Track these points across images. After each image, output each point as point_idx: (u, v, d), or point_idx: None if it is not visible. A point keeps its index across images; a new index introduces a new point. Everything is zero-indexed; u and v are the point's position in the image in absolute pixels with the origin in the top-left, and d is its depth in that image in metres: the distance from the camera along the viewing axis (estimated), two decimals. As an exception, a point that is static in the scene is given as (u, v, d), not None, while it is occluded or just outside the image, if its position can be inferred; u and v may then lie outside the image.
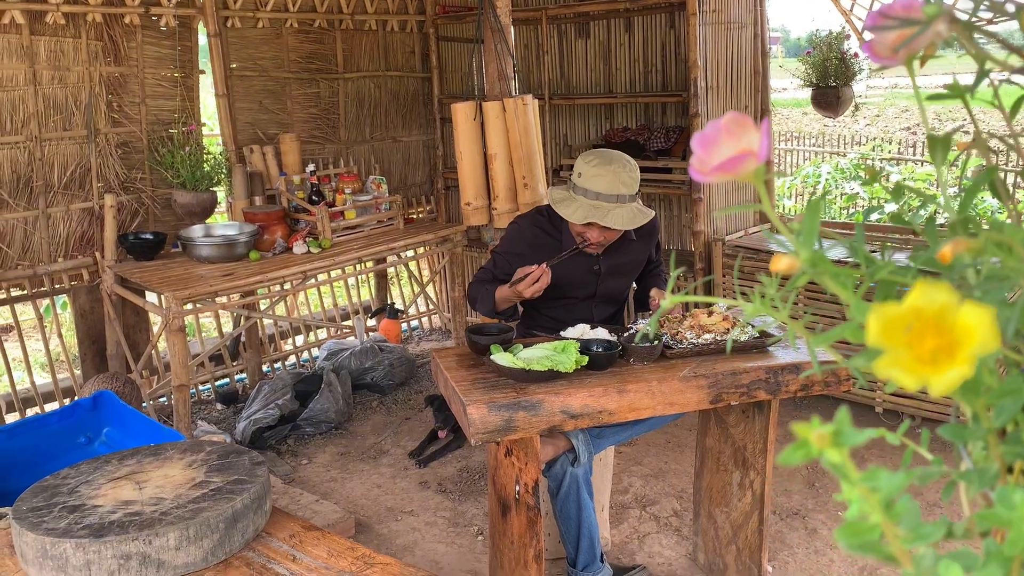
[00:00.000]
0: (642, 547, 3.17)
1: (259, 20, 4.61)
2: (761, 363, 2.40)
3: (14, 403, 4.09)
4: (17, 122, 3.85)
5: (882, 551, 0.52)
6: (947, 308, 0.47)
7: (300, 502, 3.39)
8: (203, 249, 3.95)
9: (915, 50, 0.55)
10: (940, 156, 0.56)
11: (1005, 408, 0.54)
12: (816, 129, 13.10)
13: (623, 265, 2.96)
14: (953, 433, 0.57)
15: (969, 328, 0.47)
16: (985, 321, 0.46)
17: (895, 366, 0.48)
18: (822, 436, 0.49)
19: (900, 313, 0.48)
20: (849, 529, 0.51)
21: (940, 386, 0.47)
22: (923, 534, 0.52)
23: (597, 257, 2.91)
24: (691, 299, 0.59)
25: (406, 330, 5.67)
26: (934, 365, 0.47)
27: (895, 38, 0.53)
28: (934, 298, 0.48)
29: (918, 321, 0.48)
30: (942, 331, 0.48)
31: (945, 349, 0.47)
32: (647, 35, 4.89)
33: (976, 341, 0.46)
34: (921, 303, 0.48)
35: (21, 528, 1.66)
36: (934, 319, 0.48)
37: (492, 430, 2.20)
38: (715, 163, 0.53)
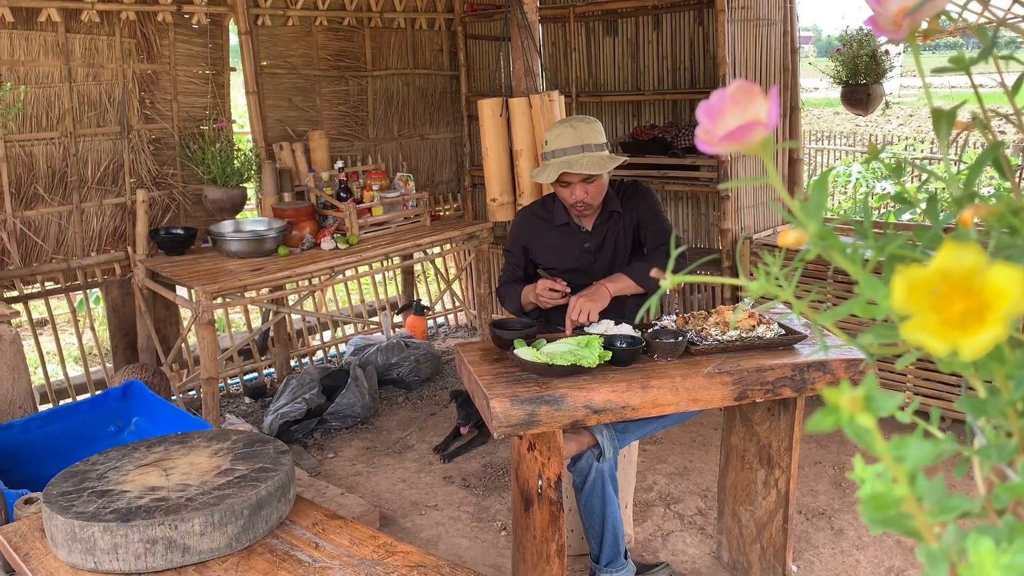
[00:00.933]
0: (666, 545, 3.16)
1: (289, 18, 4.66)
2: (787, 360, 2.39)
3: (48, 395, 4.16)
4: (52, 118, 3.92)
5: (905, 526, 0.51)
6: (976, 269, 0.45)
7: (325, 495, 3.42)
8: (232, 244, 4.00)
9: (917, 22, 0.55)
10: (944, 131, 0.55)
11: (1021, 381, 0.52)
12: (848, 128, 12.96)
13: (613, 240, 2.98)
14: (971, 406, 0.56)
15: (1000, 289, 0.45)
16: (1017, 281, 0.44)
17: (923, 330, 0.46)
18: (854, 399, 0.48)
19: (927, 275, 0.46)
20: (873, 502, 0.50)
21: (972, 349, 0.45)
22: (949, 507, 0.50)
23: (587, 234, 2.97)
24: (691, 280, 0.59)
25: (432, 326, 5.70)
26: (963, 328, 0.46)
27: (898, 10, 0.53)
28: (962, 259, 0.46)
29: (945, 284, 0.46)
30: (971, 293, 0.45)
31: (975, 312, 0.45)
32: (675, 32, 4.87)
33: (1008, 302, 0.44)
34: (949, 264, 0.46)
35: (51, 512, 1.70)
36: (962, 281, 0.46)
37: (515, 424, 2.21)
38: (722, 133, 0.52)
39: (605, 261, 2.98)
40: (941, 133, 0.55)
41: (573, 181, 2.82)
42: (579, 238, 2.97)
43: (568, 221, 2.97)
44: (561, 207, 2.98)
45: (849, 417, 0.48)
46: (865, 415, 0.48)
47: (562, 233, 2.97)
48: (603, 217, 2.98)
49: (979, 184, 0.57)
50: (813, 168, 10.46)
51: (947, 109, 0.55)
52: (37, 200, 3.92)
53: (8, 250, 3.84)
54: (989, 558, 0.45)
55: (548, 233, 2.98)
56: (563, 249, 2.96)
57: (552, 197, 3.05)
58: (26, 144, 3.85)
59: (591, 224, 2.97)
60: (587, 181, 2.83)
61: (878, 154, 0.73)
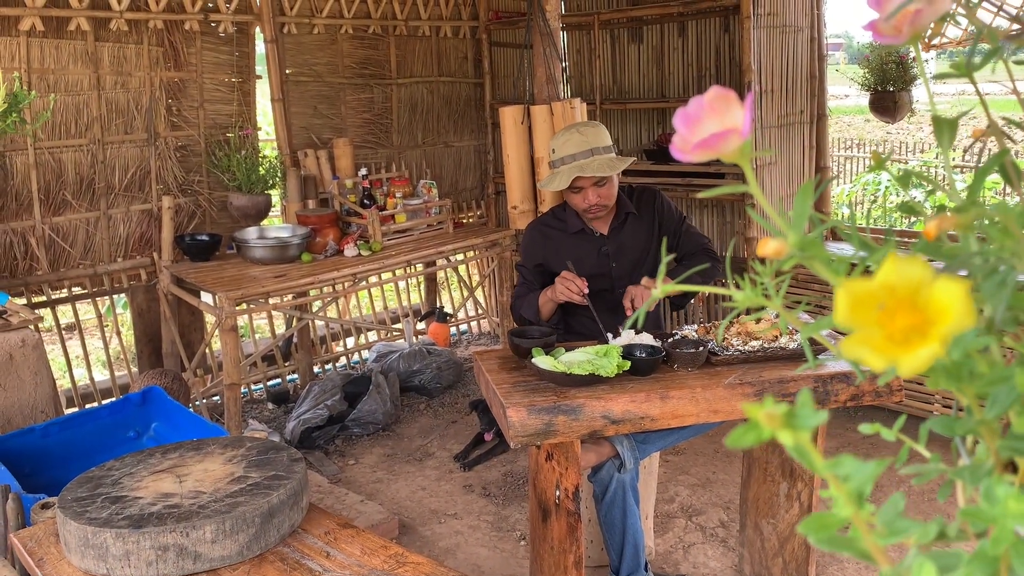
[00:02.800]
0: (687, 557, 3.11)
1: (315, 26, 4.69)
2: (809, 372, 2.34)
3: (74, 399, 4.21)
4: (81, 125, 3.97)
5: (856, 548, 0.48)
6: (921, 284, 0.44)
7: (345, 502, 3.41)
8: (257, 251, 4.02)
9: (920, 27, 0.53)
10: (946, 139, 0.53)
11: (998, 398, 0.50)
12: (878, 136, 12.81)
13: (630, 243, 2.95)
14: (943, 426, 0.54)
15: (943, 305, 0.43)
16: (959, 297, 0.43)
17: (863, 345, 0.45)
18: (772, 416, 0.46)
19: (871, 289, 0.45)
20: (814, 521, 0.48)
21: (909, 366, 0.43)
22: (898, 530, 0.48)
23: (603, 239, 2.95)
24: (682, 288, 0.58)
25: (455, 334, 5.69)
26: (907, 344, 0.44)
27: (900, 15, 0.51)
28: (907, 273, 0.44)
29: (891, 298, 0.45)
30: (916, 309, 0.44)
31: (919, 328, 0.44)
32: (701, 39, 4.83)
33: (951, 319, 0.43)
34: (893, 279, 0.45)
35: (65, 517, 1.70)
36: (908, 296, 0.44)
37: (532, 433, 2.18)
38: (696, 140, 0.51)
39: (625, 265, 2.95)
40: (943, 140, 0.52)
41: (585, 186, 2.82)
42: (596, 243, 2.95)
43: (583, 227, 2.95)
44: (574, 214, 2.96)
45: (770, 433, 0.46)
46: (785, 432, 0.46)
47: (578, 239, 2.95)
48: (619, 220, 2.96)
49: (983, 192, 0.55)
50: (842, 176, 10.34)
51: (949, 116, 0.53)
52: (65, 206, 3.97)
53: (37, 256, 3.89)
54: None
55: (564, 242, 2.96)
56: (581, 256, 2.93)
57: (563, 207, 3.03)
58: (55, 151, 3.90)
59: (607, 228, 2.95)
60: (599, 184, 2.82)
61: (883, 163, 0.70)
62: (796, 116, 4.41)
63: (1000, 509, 0.46)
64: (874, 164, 0.60)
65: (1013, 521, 0.46)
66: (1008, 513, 0.46)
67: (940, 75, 0.55)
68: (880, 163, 0.59)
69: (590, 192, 2.82)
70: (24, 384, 2.58)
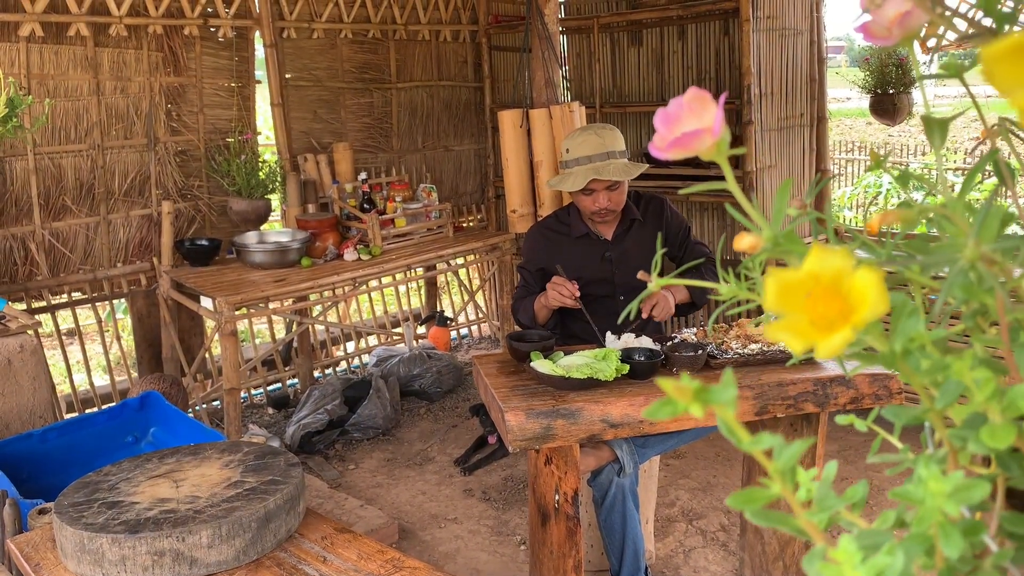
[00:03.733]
0: (687, 561, 3.10)
1: (314, 31, 4.69)
2: (809, 374, 2.33)
3: (74, 404, 4.21)
4: (81, 131, 3.97)
5: (791, 523, 0.51)
6: (842, 273, 0.47)
7: (345, 507, 3.41)
8: (256, 255, 4.02)
9: (910, 28, 0.52)
10: (937, 139, 0.53)
11: (947, 389, 0.52)
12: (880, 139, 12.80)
13: (634, 250, 2.92)
14: (894, 414, 0.56)
15: (861, 293, 0.46)
16: (874, 285, 0.45)
17: (786, 330, 0.47)
18: (682, 389, 0.48)
19: (798, 278, 0.48)
20: (744, 496, 0.50)
21: (825, 349, 0.46)
22: (826, 506, 0.51)
23: (607, 244, 2.92)
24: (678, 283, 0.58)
25: (455, 338, 5.69)
26: (829, 330, 0.46)
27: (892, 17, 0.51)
28: (829, 263, 0.47)
29: (817, 287, 0.47)
30: (839, 296, 0.47)
31: (841, 314, 0.47)
32: (700, 42, 4.83)
33: (867, 306, 0.45)
34: (817, 268, 0.47)
35: (61, 522, 1.70)
36: (831, 284, 0.47)
37: (530, 437, 2.18)
38: (671, 139, 0.51)
39: (627, 271, 2.93)
40: (934, 141, 0.52)
41: (597, 188, 2.79)
42: (599, 248, 2.93)
43: (587, 232, 2.92)
44: (578, 218, 2.94)
45: (684, 407, 0.48)
46: (696, 405, 0.48)
47: (582, 244, 2.93)
48: (623, 227, 2.93)
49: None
50: (844, 179, 10.33)
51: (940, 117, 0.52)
52: (65, 211, 3.97)
53: (37, 261, 3.89)
54: (849, 561, 0.46)
55: (567, 246, 2.94)
56: (584, 261, 2.92)
57: (566, 210, 3.00)
58: (55, 156, 3.91)
59: (611, 234, 2.93)
60: (611, 188, 2.80)
61: (881, 163, 0.70)
62: (796, 119, 4.40)
63: (923, 490, 0.49)
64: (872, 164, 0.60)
65: (935, 501, 0.49)
66: (930, 494, 0.49)
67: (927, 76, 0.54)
68: (879, 163, 0.60)
69: (602, 195, 2.80)
70: (22, 389, 2.57)
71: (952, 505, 0.48)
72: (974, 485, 0.50)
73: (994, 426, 0.53)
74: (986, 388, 0.53)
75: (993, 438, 0.53)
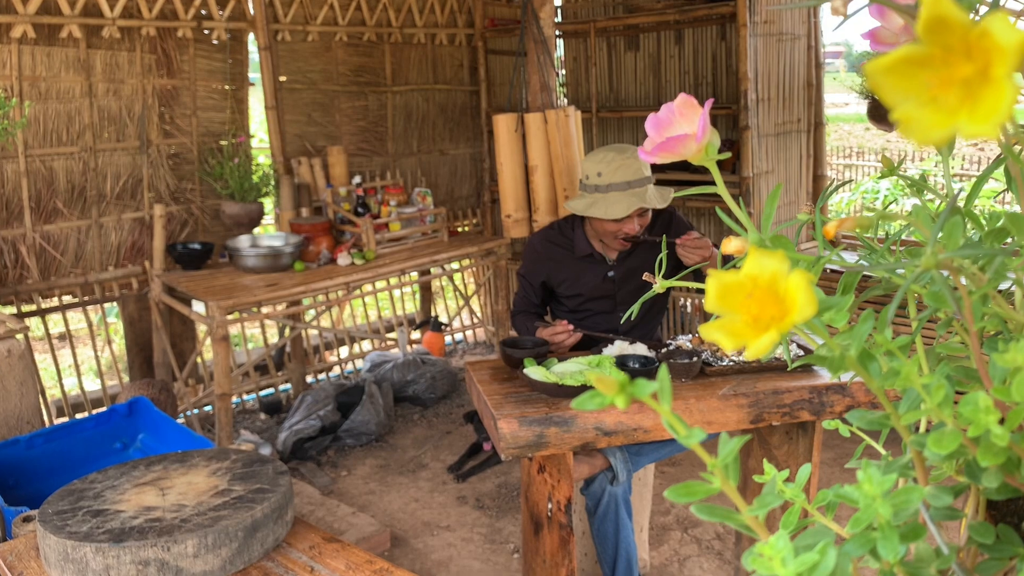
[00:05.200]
0: (682, 570, 3.08)
1: (309, 34, 4.67)
2: (804, 382, 2.31)
3: (64, 409, 4.17)
4: (73, 133, 3.94)
5: (734, 518, 0.53)
6: (777, 276, 0.48)
7: (337, 514, 3.37)
8: (249, 259, 3.99)
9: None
10: (945, 148, 0.51)
11: (909, 395, 0.54)
12: (878, 145, 12.80)
13: (639, 268, 2.86)
14: (858, 418, 0.58)
15: (792, 296, 0.47)
16: (803, 288, 0.46)
17: (720, 329, 0.49)
18: (607, 383, 0.49)
19: (737, 280, 0.49)
20: (682, 488, 0.52)
21: (754, 349, 0.47)
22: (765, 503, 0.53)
23: (610, 264, 2.86)
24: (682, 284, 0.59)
25: (450, 343, 5.66)
26: (764, 331, 0.47)
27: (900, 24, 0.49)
28: (766, 266, 0.48)
29: (756, 289, 0.48)
30: (777, 299, 0.48)
31: (777, 316, 0.48)
32: (698, 47, 4.82)
33: (797, 308, 0.47)
34: (755, 271, 0.48)
35: (45, 531, 1.67)
36: (768, 287, 0.48)
37: (523, 445, 2.15)
38: (657, 143, 0.50)
39: (630, 289, 2.89)
40: (942, 148, 0.51)
41: (632, 214, 2.70)
42: (603, 267, 2.86)
43: (591, 252, 2.84)
44: (582, 237, 2.84)
45: (610, 400, 0.49)
46: (620, 397, 0.49)
47: (584, 263, 2.86)
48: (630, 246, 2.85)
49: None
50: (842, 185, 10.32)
51: None
52: (56, 214, 3.94)
53: (27, 264, 3.86)
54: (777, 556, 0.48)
55: (569, 262, 2.86)
56: (586, 278, 2.86)
57: (570, 225, 2.90)
58: (46, 159, 3.87)
59: (615, 254, 2.86)
60: (642, 215, 2.72)
61: (895, 169, 0.69)
62: (793, 124, 4.39)
63: (860, 491, 0.51)
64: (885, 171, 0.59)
65: (869, 502, 0.51)
66: (864, 495, 0.51)
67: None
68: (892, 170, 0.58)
69: (634, 222, 2.70)
70: (9, 395, 2.54)
71: (886, 507, 0.50)
72: (911, 490, 0.53)
73: (942, 432, 0.55)
74: (936, 395, 0.55)
75: (939, 444, 0.54)
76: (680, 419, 0.51)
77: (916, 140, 0.41)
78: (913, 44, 0.41)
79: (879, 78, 0.43)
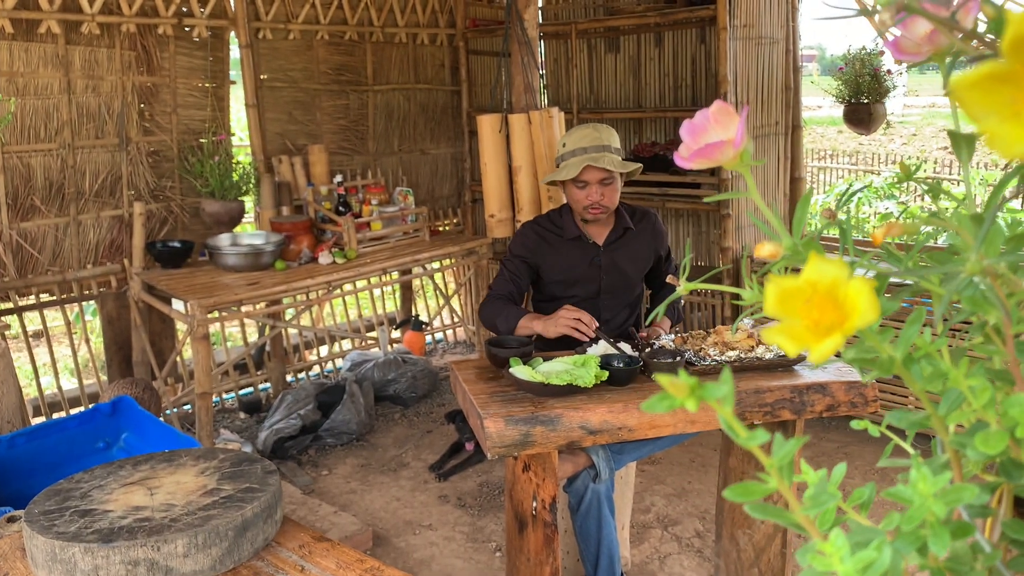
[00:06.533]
0: (663, 568, 3.11)
1: (290, 32, 4.66)
2: (786, 382, 2.35)
3: (41, 408, 4.13)
4: (51, 130, 3.90)
5: (787, 517, 0.54)
6: (838, 282, 0.49)
7: (318, 513, 3.37)
8: (229, 258, 3.97)
9: (943, 45, 0.53)
10: (965, 154, 0.53)
11: (950, 396, 0.55)
12: (851, 147, 12.96)
13: (624, 258, 2.95)
14: (898, 418, 0.59)
15: (854, 301, 0.48)
16: (865, 294, 0.47)
17: (782, 333, 0.50)
18: (678, 385, 0.50)
19: (797, 286, 0.50)
20: (740, 489, 0.53)
21: (818, 353, 0.49)
22: (820, 502, 0.54)
23: (598, 249, 2.92)
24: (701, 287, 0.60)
25: (430, 342, 5.66)
26: (825, 336, 0.49)
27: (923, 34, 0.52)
28: (826, 272, 0.49)
29: (815, 294, 0.50)
30: (836, 304, 0.49)
31: (837, 321, 0.49)
32: (677, 49, 4.86)
33: (858, 314, 0.48)
34: (816, 277, 0.50)
35: (32, 531, 1.66)
36: (828, 292, 0.49)
37: (509, 444, 2.17)
38: (695, 149, 0.52)
39: (614, 278, 2.94)
40: (962, 156, 0.53)
41: (591, 181, 2.78)
42: (590, 252, 2.93)
43: (580, 235, 2.91)
44: (571, 221, 2.93)
45: (680, 401, 0.51)
46: (690, 400, 0.50)
47: (573, 246, 2.93)
48: (616, 233, 2.94)
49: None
50: (816, 187, 10.44)
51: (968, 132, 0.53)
52: (34, 212, 3.90)
53: (4, 262, 3.82)
54: (836, 554, 0.49)
55: (558, 246, 2.93)
56: (573, 263, 2.92)
57: (559, 212, 2.99)
58: (23, 155, 3.83)
59: (603, 239, 2.93)
60: (604, 183, 2.79)
61: (911, 174, 0.71)
62: (771, 127, 4.44)
63: (914, 490, 0.52)
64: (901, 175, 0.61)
65: (924, 501, 0.51)
66: (919, 493, 0.51)
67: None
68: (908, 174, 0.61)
69: (595, 189, 2.79)
70: (-10, 393, 2.52)
71: (939, 505, 0.51)
72: (963, 488, 0.53)
73: (988, 433, 0.56)
74: (982, 396, 0.56)
75: (987, 444, 0.55)
76: (738, 422, 0.53)
77: (1000, 153, 0.43)
78: (998, 61, 0.43)
79: (963, 93, 0.44)
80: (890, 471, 3.63)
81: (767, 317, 0.64)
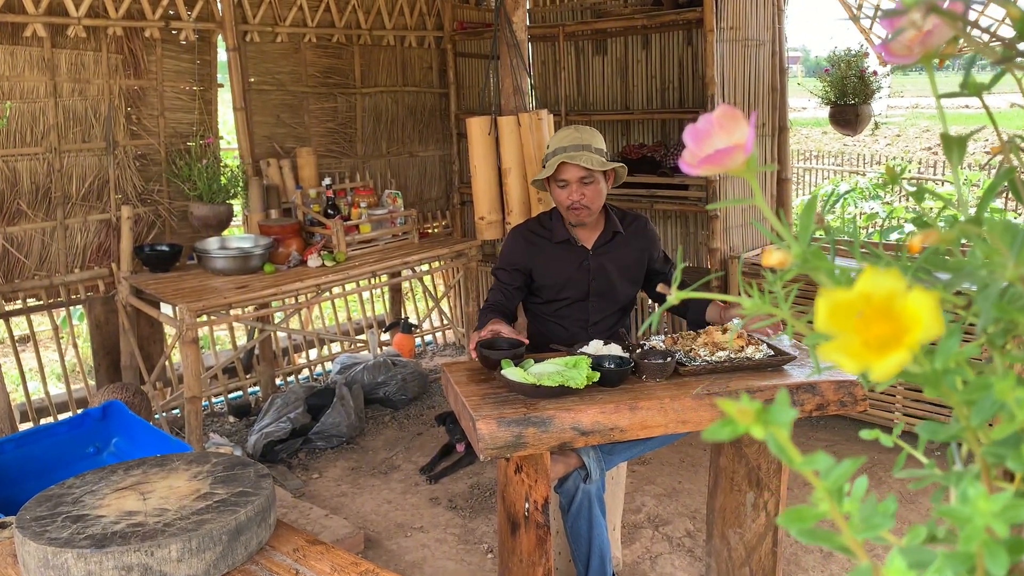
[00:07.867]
0: (654, 567, 3.12)
1: (278, 35, 4.65)
2: (776, 382, 2.36)
3: (28, 413, 4.10)
4: (37, 134, 3.88)
5: (834, 540, 0.52)
6: (895, 294, 0.47)
7: (310, 516, 3.37)
8: (218, 261, 3.96)
9: (932, 47, 0.54)
10: (956, 157, 0.54)
11: (983, 407, 0.53)
12: (836, 148, 13.04)
13: (613, 262, 2.95)
14: (929, 431, 0.57)
15: (914, 314, 0.46)
16: (929, 307, 0.46)
17: (840, 351, 0.48)
18: (744, 412, 0.49)
19: (849, 299, 0.48)
20: (794, 514, 0.51)
21: (881, 371, 0.46)
22: (873, 524, 0.52)
23: (586, 253, 2.93)
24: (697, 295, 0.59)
25: (420, 345, 5.66)
26: (882, 351, 0.47)
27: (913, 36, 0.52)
28: (882, 284, 0.47)
29: (868, 307, 0.47)
30: (891, 317, 0.47)
31: (893, 335, 0.47)
32: (664, 52, 4.88)
33: (921, 327, 0.46)
34: (870, 289, 0.48)
35: (24, 537, 1.65)
36: (883, 305, 0.47)
37: (502, 446, 2.17)
38: (703, 155, 0.52)
39: (603, 282, 2.94)
40: (953, 158, 0.53)
41: (571, 179, 2.79)
42: (579, 255, 2.93)
43: (568, 238, 2.92)
44: (560, 224, 2.94)
45: (744, 428, 0.49)
46: (757, 427, 0.49)
47: (562, 249, 2.94)
48: (605, 237, 2.94)
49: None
50: (801, 187, 10.50)
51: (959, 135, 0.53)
52: (20, 216, 3.87)
53: (-10, 266, 3.79)
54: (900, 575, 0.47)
55: (548, 249, 2.94)
56: (561, 266, 2.93)
57: (548, 215, 3.00)
58: (9, 159, 3.81)
59: (591, 243, 2.94)
60: (585, 183, 2.80)
61: (897, 177, 0.71)
62: (758, 129, 4.47)
63: (971, 508, 0.49)
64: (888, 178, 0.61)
65: (982, 520, 0.49)
66: (978, 512, 0.49)
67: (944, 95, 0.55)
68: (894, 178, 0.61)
69: (575, 188, 2.80)
70: (-22, 399, 2.50)
71: (1000, 524, 0.49)
72: (1018, 506, 0.51)
73: None
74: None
75: None
76: (792, 446, 0.51)
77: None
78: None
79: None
80: (879, 468, 3.66)
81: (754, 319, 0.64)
